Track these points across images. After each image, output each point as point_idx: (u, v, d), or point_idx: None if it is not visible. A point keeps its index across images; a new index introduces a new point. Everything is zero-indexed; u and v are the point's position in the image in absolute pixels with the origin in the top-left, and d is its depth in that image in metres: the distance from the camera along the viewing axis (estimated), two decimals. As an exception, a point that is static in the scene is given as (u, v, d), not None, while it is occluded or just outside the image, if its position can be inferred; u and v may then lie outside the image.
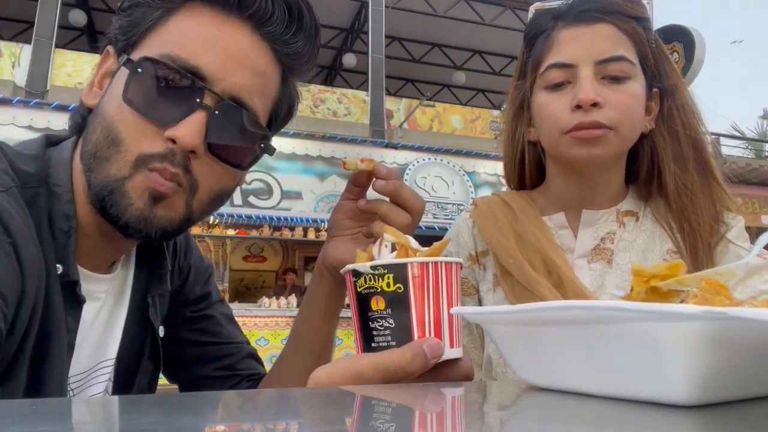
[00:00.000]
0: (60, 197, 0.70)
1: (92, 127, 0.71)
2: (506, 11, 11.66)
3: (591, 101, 0.87)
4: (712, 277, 0.42)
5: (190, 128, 0.67)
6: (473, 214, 1.06)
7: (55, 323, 0.67)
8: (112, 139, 0.67)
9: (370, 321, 0.55)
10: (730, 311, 0.32)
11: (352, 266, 0.57)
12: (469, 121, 10.77)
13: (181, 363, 0.94)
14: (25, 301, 0.62)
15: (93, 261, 0.76)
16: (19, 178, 0.67)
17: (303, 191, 9.16)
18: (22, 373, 0.64)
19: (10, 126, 7.59)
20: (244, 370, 0.95)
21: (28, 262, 0.62)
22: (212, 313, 0.96)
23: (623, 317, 0.36)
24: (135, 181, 0.67)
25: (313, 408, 0.41)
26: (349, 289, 0.58)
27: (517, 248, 0.96)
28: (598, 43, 0.90)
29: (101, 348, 0.80)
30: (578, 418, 0.37)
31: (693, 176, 0.93)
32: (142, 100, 0.67)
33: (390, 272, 0.54)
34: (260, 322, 7.56)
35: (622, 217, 0.98)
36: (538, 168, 1.06)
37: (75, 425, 0.33)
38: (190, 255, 0.96)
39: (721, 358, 0.34)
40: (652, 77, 0.95)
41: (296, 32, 0.76)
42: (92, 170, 0.69)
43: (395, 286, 0.54)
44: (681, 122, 0.95)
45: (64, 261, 0.68)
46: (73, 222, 0.70)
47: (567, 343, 0.41)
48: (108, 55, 0.76)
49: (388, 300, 0.54)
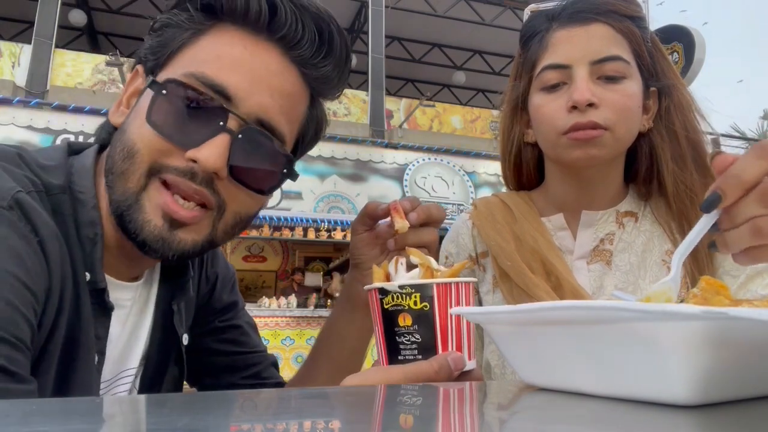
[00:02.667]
0: (85, 204, 0.70)
1: (115, 145, 0.71)
2: (506, 11, 11.67)
3: (586, 101, 0.87)
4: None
5: (215, 150, 0.66)
6: (472, 215, 1.06)
7: (84, 331, 0.67)
8: (128, 152, 0.68)
9: (397, 336, 0.61)
10: (731, 311, 0.32)
11: (379, 285, 0.62)
12: (469, 121, 10.77)
13: (208, 371, 0.94)
14: (51, 300, 0.62)
15: (118, 270, 0.76)
16: (44, 186, 0.67)
17: (303, 191, 9.16)
18: (48, 375, 0.63)
19: (10, 126, 7.59)
20: (269, 379, 0.96)
21: (53, 260, 0.62)
22: (239, 323, 0.97)
23: (623, 317, 0.36)
24: (149, 193, 0.67)
25: (314, 408, 0.41)
26: (374, 306, 0.63)
27: (515, 250, 0.96)
28: (593, 43, 0.90)
29: (124, 357, 0.80)
30: (578, 418, 0.37)
31: (692, 175, 0.93)
32: (165, 121, 0.67)
33: (417, 291, 0.60)
34: (260, 322, 7.56)
35: (621, 217, 0.98)
36: (536, 168, 1.06)
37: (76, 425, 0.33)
38: (217, 263, 0.96)
39: (721, 358, 0.34)
40: (648, 76, 0.94)
41: (326, 56, 0.75)
42: (112, 186, 0.69)
43: (422, 304, 0.60)
44: (679, 121, 0.94)
45: (91, 268, 0.68)
46: (99, 229, 0.69)
47: (567, 343, 0.41)
48: (137, 75, 0.76)
49: (414, 317, 0.60)
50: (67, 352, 0.65)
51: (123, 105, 0.76)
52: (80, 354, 0.67)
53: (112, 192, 0.69)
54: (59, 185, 0.69)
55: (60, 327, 0.64)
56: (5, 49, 8.29)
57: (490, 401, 0.47)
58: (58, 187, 0.69)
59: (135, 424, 0.34)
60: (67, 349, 0.65)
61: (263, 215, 8.58)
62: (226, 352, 0.94)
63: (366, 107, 9.99)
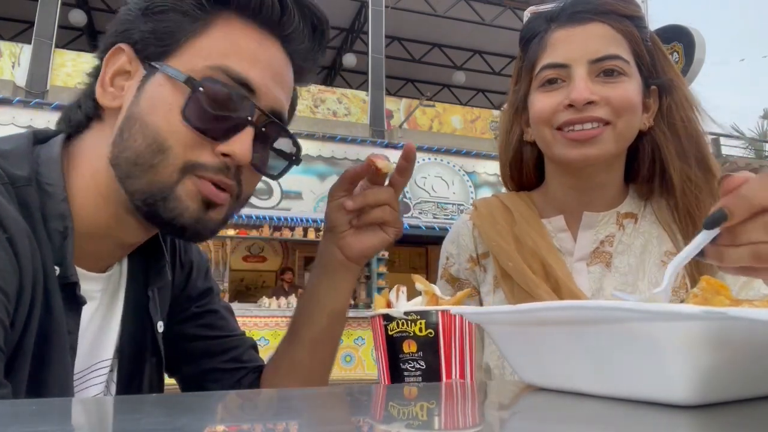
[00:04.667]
0: (53, 196, 0.69)
1: (129, 133, 0.70)
2: (506, 11, 11.67)
3: (584, 101, 0.86)
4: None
5: (244, 144, 0.70)
6: (473, 216, 1.07)
7: (56, 325, 0.66)
8: (158, 147, 0.68)
9: (401, 362, 0.62)
10: (730, 311, 0.32)
11: (384, 311, 0.63)
12: (469, 121, 10.77)
13: (186, 358, 0.94)
14: (23, 297, 0.61)
15: (89, 261, 0.75)
16: (8, 177, 0.66)
17: (303, 191, 9.16)
18: (22, 373, 0.63)
19: (10, 126, 7.58)
20: (249, 362, 0.96)
21: (23, 257, 0.61)
22: (216, 308, 0.97)
23: (623, 317, 0.36)
24: (185, 186, 0.69)
25: (313, 408, 0.41)
26: (377, 332, 0.64)
27: (516, 251, 0.96)
28: (592, 42, 0.90)
29: (96, 349, 0.79)
30: (578, 418, 0.37)
31: (696, 171, 0.92)
32: (198, 117, 0.68)
33: (422, 318, 0.61)
34: (260, 322, 7.56)
35: (622, 219, 0.98)
36: (536, 168, 1.06)
37: (75, 426, 0.33)
38: (191, 251, 0.97)
39: (721, 358, 0.34)
40: (648, 75, 0.94)
41: (317, 50, 0.80)
42: (133, 177, 0.69)
43: (427, 331, 0.61)
44: (680, 118, 0.94)
45: (61, 262, 0.67)
46: (69, 222, 0.69)
47: (567, 343, 0.41)
48: (120, 53, 0.73)
49: (419, 343, 0.61)
50: (41, 349, 0.65)
51: (108, 84, 0.73)
52: (54, 350, 0.66)
53: (133, 182, 0.69)
54: (25, 176, 0.67)
55: (33, 324, 0.63)
56: (5, 49, 8.29)
57: (491, 401, 0.47)
58: (24, 178, 0.67)
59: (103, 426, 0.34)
60: (40, 346, 0.65)
61: (263, 215, 8.58)
62: (204, 337, 0.94)
63: (366, 107, 9.99)
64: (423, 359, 0.60)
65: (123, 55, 0.74)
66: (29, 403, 0.38)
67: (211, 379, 0.94)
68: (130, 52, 0.73)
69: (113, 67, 0.74)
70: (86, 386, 0.78)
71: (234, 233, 8.85)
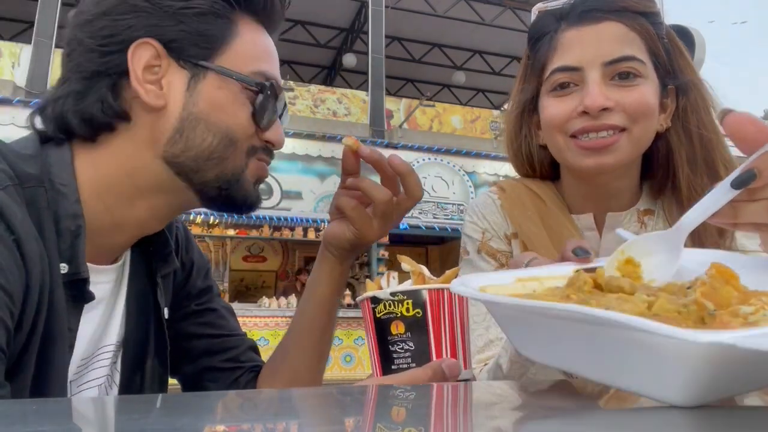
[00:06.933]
0: (67, 197, 0.71)
1: (194, 133, 0.75)
2: (506, 11, 11.66)
3: (599, 107, 0.83)
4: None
5: (281, 131, 0.84)
6: (501, 196, 1.02)
7: (59, 324, 0.67)
8: (230, 141, 0.77)
9: (390, 344, 0.60)
10: (739, 340, 0.30)
11: (371, 293, 0.61)
12: (468, 121, 10.77)
13: (186, 356, 0.96)
14: (30, 298, 0.62)
15: (97, 256, 0.77)
16: (19, 178, 0.67)
17: (303, 191, 9.16)
18: (27, 372, 0.64)
19: (10, 126, 7.58)
20: (247, 362, 0.97)
21: (30, 259, 0.62)
22: (215, 306, 0.99)
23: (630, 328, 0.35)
24: (250, 169, 0.80)
25: (313, 408, 0.41)
26: (366, 316, 0.63)
27: (549, 239, 0.93)
28: (605, 43, 0.86)
29: (101, 334, 0.80)
30: (578, 419, 0.37)
31: (703, 179, 0.90)
32: (260, 114, 0.79)
33: (409, 298, 0.60)
34: (260, 322, 7.56)
35: (642, 216, 0.96)
36: (551, 166, 1.02)
37: (76, 426, 0.33)
38: (192, 250, 0.99)
39: (721, 372, 0.34)
40: (665, 74, 0.90)
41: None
42: (205, 170, 0.76)
43: (414, 311, 0.60)
44: (695, 120, 0.91)
45: (72, 260, 0.69)
46: (81, 221, 0.71)
47: (569, 334, 0.41)
48: (147, 47, 0.72)
49: (407, 324, 0.60)
50: (46, 346, 0.66)
51: (143, 81, 0.72)
52: (56, 346, 0.67)
53: (205, 174, 0.76)
54: (35, 176, 0.69)
55: (39, 324, 0.64)
56: (5, 49, 8.29)
57: (486, 401, 0.47)
58: (35, 179, 0.69)
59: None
60: (45, 345, 0.66)
61: (263, 215, 8.57)
62: (203, 335, 0.96)
63: (366, 107, 9.99)
64: (411, 340, 0.59)
65: (150, 49, 0.73)
66: (30, 403, 0.38)
67: (209, 378, 0.95)
68: (160, 48, 0.73)
69: (143, 63, 0.72)
70: (91, 369, 0.79)
71: (234, 233, 8.85)
